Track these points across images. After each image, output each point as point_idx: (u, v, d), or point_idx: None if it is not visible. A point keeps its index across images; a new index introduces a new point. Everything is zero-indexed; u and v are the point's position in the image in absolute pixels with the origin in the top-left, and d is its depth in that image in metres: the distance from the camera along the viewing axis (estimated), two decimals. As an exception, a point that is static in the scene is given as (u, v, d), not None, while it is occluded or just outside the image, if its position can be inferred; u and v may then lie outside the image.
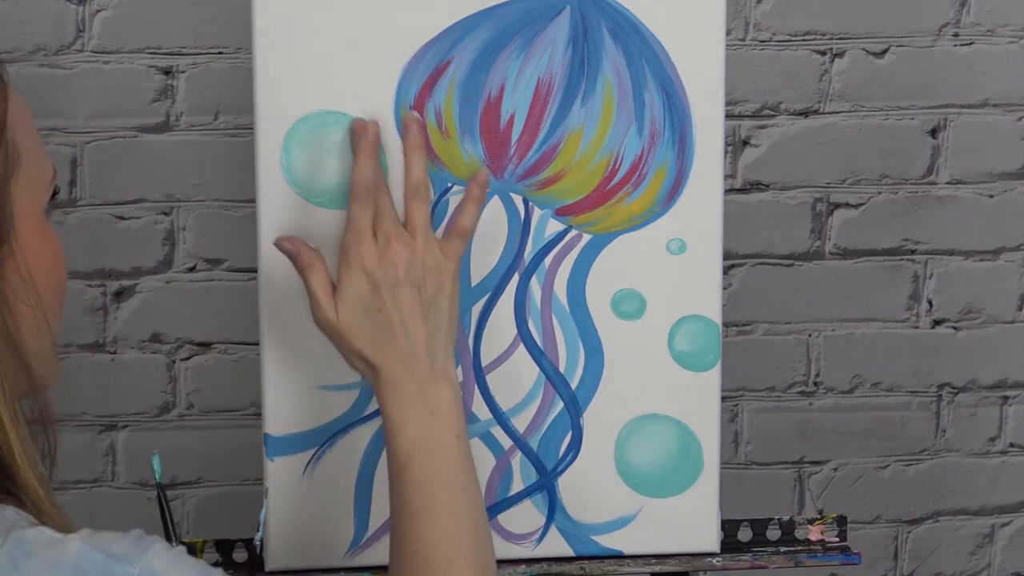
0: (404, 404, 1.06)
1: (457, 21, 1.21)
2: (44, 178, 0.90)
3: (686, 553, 1.30)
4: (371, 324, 1.07)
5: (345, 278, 1.09)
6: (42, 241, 0.89)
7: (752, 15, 1.84)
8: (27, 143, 0.88)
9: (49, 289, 0.89)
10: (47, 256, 0.89)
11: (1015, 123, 1.90)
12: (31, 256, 0.87)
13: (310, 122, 1.21)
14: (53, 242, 0.90)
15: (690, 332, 1.27)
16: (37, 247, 0.88)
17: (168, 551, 0.85)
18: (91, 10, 1.77)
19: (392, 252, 1.08)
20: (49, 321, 0.89)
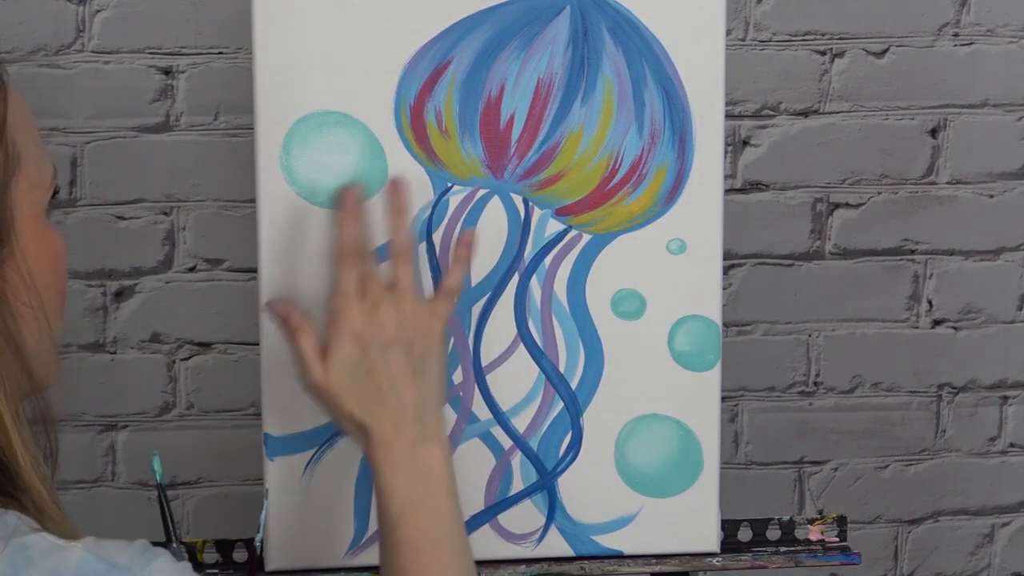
0: (395, 465, 1.06)
1: (457, 21, 1.21)
2: (44, 179, 0.90)
3: (686, 553, 1.30)
4: (361, 386, 1.08)
5: (334, 341, 1.09)
6: (43, 242, 0.88)
7: (752, 15, 1.84)
8: (27, 144, 0.88)
9: (50, 290, 0.89)
10: (48, 257, 0.89)
11: (1015, 123, 1.89)
12: (32, 257, 0.87)
13: (310, 122, 1.21)
14: (54, 243, 0.90)
15: (690, 332, 1.27)
16: (38, 248, 0.88)
17: (173, 564, 0.84)
18: (91, 10, 1.77)
19: (380, 314, 1.09)
20: (50, 322, 0.88)
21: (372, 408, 1.07)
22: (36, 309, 0.86)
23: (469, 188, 1.24)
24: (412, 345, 1.09)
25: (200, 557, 1.30)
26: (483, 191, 1.24)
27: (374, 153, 1.23)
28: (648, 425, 1.28)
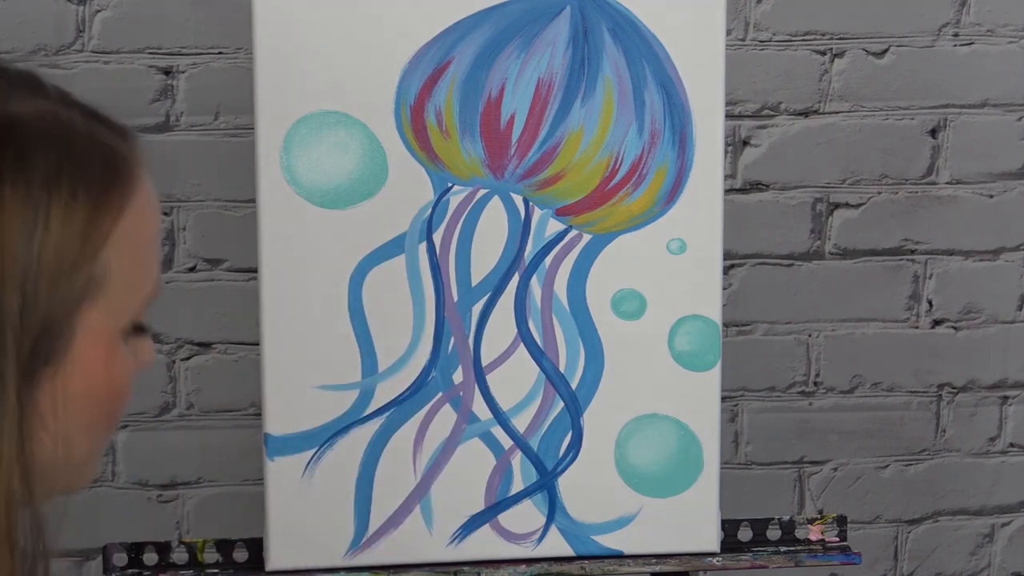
0: None
1: (457, 21, 1.21)
2: (134, 301, 0.79)
3: (686, 553, 1.30)
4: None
5: None
6: (101, 365, 0.77)
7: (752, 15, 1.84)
8: (126, 263, 0.77)
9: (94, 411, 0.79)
10: (101, 383, 0.78)
11: (1015, 123, 1.89)
12: (85, 376, 0.76)
13: (310, 122, 1.21)
14: (116, 369, 0.79)
15: (690, 332, 1.27)
16: (94, 371, 0.77)
17: None
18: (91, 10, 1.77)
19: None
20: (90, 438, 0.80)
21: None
22: (55, 436, 0.76)
23: (469, 188, 1.24)
24: None
25: (200, 557, 1.30)
26: (483, 191, 1.24)
27: (374, 153, 1.23)
28: (648, 425, 1.28)
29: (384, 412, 1.26)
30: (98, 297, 0.76)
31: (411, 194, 1.24)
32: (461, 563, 1.29)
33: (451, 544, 1.28)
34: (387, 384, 1.26)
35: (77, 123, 0.76)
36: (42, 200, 0.72)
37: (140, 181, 0.79)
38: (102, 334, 0.77)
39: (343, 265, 1.24)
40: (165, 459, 1.88)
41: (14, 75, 0.77)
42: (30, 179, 0.72)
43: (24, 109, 0.74)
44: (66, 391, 0.76)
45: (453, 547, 1.29)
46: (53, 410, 0.75)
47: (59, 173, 0.73)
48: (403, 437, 1.27)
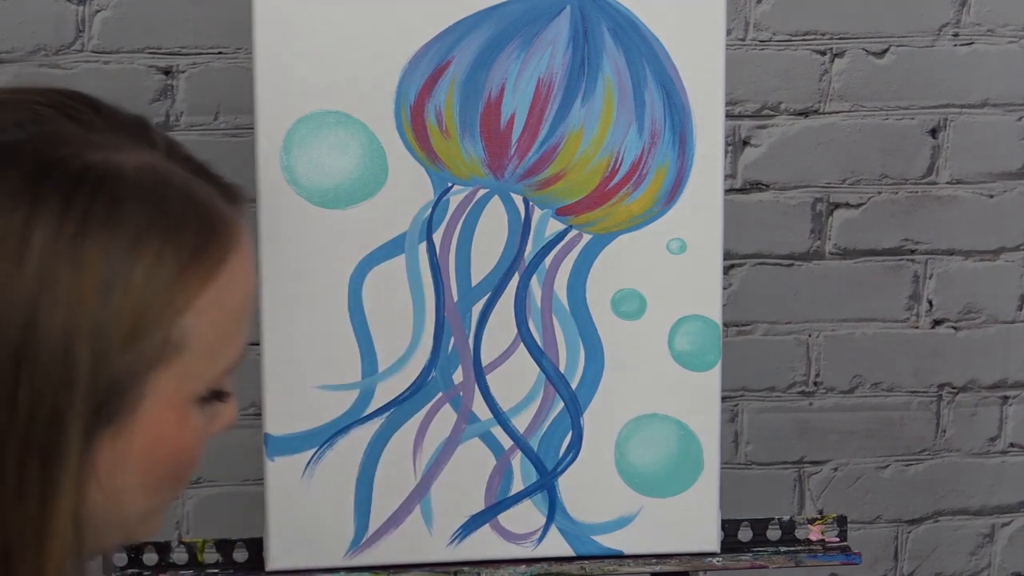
0: None
1: (457, 21, 1.21)
2: (213, 370, 0.75)
3: (686, 553, 1.30)
4: None
5: None
6: (167, 429, 0.74)
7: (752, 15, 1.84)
8: (207, 331, 0.73)
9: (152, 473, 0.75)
10: (166, 448, 0.74)
11: (1015, 123, 1.89)
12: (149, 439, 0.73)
13: (310, 122, 1.21)
14: (183, 436, 0.75)
15: (690, 332, 1.27)
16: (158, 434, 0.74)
17: None
18: (91, 10, 1.77)
19: None
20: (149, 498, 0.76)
21: None
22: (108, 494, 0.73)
23: (469, 188, 1.24)
24: None
25: (200, 557, 1.30)
26: (483, 191, 1.24)
27: (374, 153, 1.23)
28: (648, 425, 1.28)
29: (384, 412, 1.26)
30: (173, 362, 0.72)
31: (411, 194, 1.24)
32: (461, 563, 1.29)
33: (451, 544, 1.28)
34: (387, 384, 1.26)
35: (177, 179, 0.74)
36: (126, 258, 0.69)
37: (236, 247, 0.75)
38: (173, 399, 0.73)
39: (343, 265, 1.24)
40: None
41: (123, 122, 0.75)
42: (117, 234, 0.69)
43: (126, 160, 0.71)
44: (126, 452, 0.72)
45: (453, 547, 1.29)
46: (110, 469, 0.72)
47: (148, 231, 0.70)
48: (403, 437, 1.27)
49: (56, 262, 0.68)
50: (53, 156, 0.70)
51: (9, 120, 0.72)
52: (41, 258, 0.68)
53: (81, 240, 0.68)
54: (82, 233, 0.68)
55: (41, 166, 0.69)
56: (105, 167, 0.70)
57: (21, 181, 0.69)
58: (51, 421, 0.69)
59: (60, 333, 0.68)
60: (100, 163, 0.70)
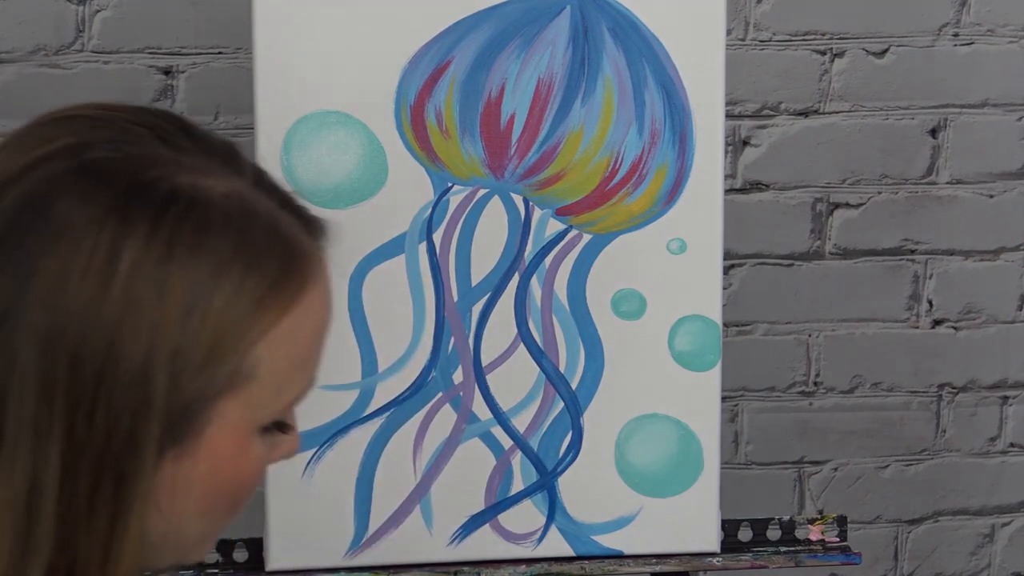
0: None
1: (457, 21, 1.21)
2: (280, 402, 0.75)
3: (686, 553, 1.30)
4: None
5: None
6: (230, 456, 0.74)
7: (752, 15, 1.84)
8: (278, 364, 0.73)
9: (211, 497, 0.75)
10: (227, 474, 0.74)
11: (1015, 123, 1.89)
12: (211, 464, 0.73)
13: (310, 122, 1.21)
14: (242, 464, 0.75)
15: (690, 332, 1.27)
16: (220, 460, 0.73)
17: None
18: (91, 10, 1.77)
19: None
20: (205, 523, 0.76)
21: None
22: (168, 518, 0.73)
23: (469, 188, 1.24)
24: None
25: (200, 557, 1.30)
26: (483, 191, 1.24)
27: (374, 153, 1.23)
28: (648, 425, 1.28)
29: (384, 412, 1.26)
30: (242, 391, 0.72)
31: (411, 194, 1.24)
32: (461, 563, 1.29)
33: (451, 544, 1.28)
34: (387, 384, 1.26)
35: (262, 209, 0.74)
36: (208, 284, 0.69)
37: (314, 282, 0.75)
38: (238, 426, 0.73)
39: (343, 265, 1.24)
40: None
41: (213, 147, 0.75)
42: (201, 260, 0.69)
43: (214, 185, 0.71)
44: (189, 476, 0.72)
45: (453, 547, 1.29)
46: (172, 493, 0.72)
47: (232, 260, 0.70)
48: (403, 437, 1.27)
49: (142, 284, 0.68)
50: (144, 177, 0.70)
51: (101, 137, 0.72)
52: (128, 280, 0.68)
53: (167, 264, 0.68)
54: (168, 257, 0.69)
55: (132, 186, 0.69)
56: (193, 192, 0.70)
57: (111, 200, 0.69)
58: (127, 442, 0.69)
59: (142, 355, 0.68)
60: (189, 187, 0.70)
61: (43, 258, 0.68)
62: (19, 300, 0.68)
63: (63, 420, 0.68)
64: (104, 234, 0.68)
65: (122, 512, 0.70)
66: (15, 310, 0.68)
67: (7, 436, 0.69)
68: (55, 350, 0.68)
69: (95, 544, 0.70)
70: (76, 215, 0.69)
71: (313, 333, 0.76)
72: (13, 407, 0.68)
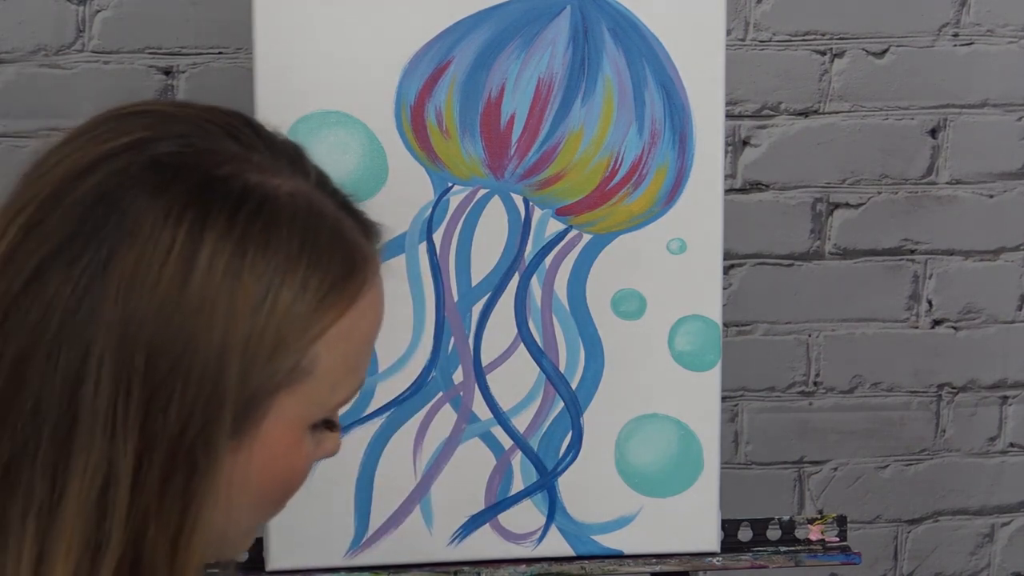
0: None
1: (457, 21, 1.21)
2: (332, 400, 0.77)
3: (686, 553, 1.30)
4: None
5: None
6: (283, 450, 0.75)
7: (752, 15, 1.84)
8: (334, 362, 0.75)
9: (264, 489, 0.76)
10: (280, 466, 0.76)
11: (1015, 123, 1.89)
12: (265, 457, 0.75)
13: (310, 122, 1.21)
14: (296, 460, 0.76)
15: (690, 332, 1.27)
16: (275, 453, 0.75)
17: None
18: (91, 10, 1.77)
19: None
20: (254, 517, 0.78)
21: None
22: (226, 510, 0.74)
23: (469, 188, 1.24)
24: None
25: (200, 557, 1.30)
26: (483, 191, 1.24)
27: (374, 153, 1.23)
28: (648, 425, 1.28)
29: (384, 412, 1.26)
30: (300, 387, 0.74)
31: (411, 194, 1.24)
32: (461, 563, 1.29)
33: (451, 544, 1.28)
34: (387, 384, 1.26)
35: (328, 211, 0.75)
36: (276, 281, 0.71)
37: (371, 284, 0.77)
38: (293, 421, 0.75)
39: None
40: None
41: (281, 147, 0.77)
42: (271, 257, 0.71)
43: (282, 184, 0.73)
44: (245, 469, 0.74)
45: (453, 547, 1.29)
46: (228, 485, 0.73)
47: (299, 257, 0.72)
48: (403, 437, 1.27)
49: (218, 279, 0.70)
50: (216, 173, 0.71)
51: (172, 132, 0.73)
52: (205, 274, 0.70)
53: (240, 260, 0.70)
54: (242, 252, 0.70)
55: (205, 182, 0.71)
56: (264, 190, 0.72)
57: (186, 196, 0.70)
58: (200, 434, 0.70)
59: (217, 348, 0.70)
60: (259, 185, 0.72)
61: (118, 251, 0.70)
62: (92, 293, 0.69)
63: (139, 412, 0.69)
64: (181, 228, 0.70)
65: (192, 505, 0.71)
66: (88, 302, 0.69)
67: (81, 427, 0.69)
68: (132, 343, 0.69)
69: (164, 537, 0.71)
70: (149, 209, 0.70)
71: (368, 334, 0.78)
72: (86, 398, 0.69)
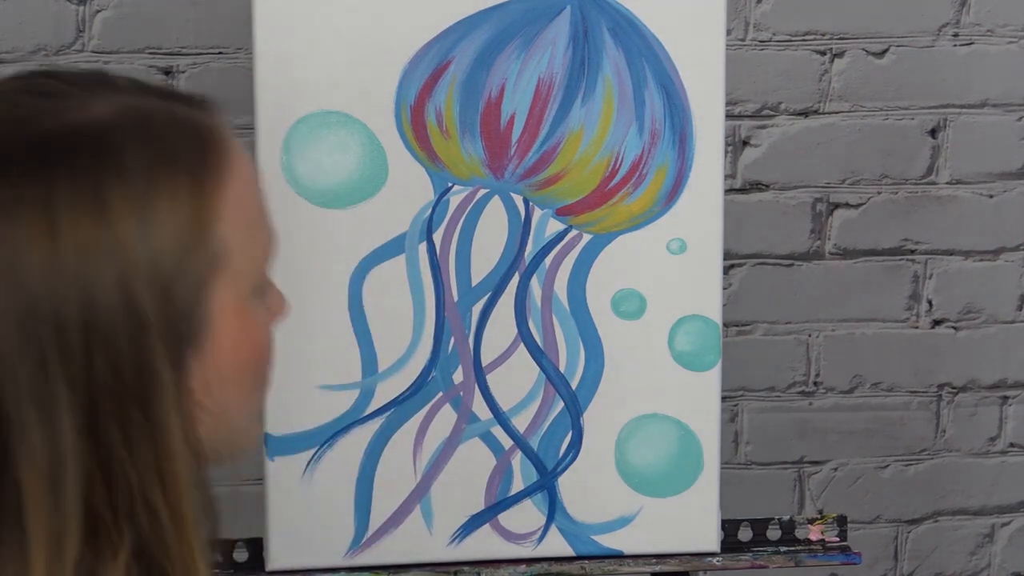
0: None
1: (457, 21, 1.21)
2: (256, 264, 0.80)
3: (686, 553, 1.30)
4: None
5: None
6: (241, 332, 0.78)
7: (752, 15, 1.84)
8: (239, 232, 0.77)
9: (244, 376, 0.79)
10: (246, 349, 0.79)
11: (1015, 123, 1.89)
12: (229, 348, 0.77)
13: (310, 122, 1.21)
14: (254, 333, 0.79)
15: (690, 332, 1.27)
16: (235, 340, 0.77)
17: None
18: (91, 10, 1.77)
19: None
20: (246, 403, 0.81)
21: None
22: (213, 412, 0.77)
23: (469, 188, 1.24)
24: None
25: (200, 557, 1.30)
26: (483, 191, 1.24)
27: (374, 153, 1.23)
28: (648, 425, 1.28)
29: (384, 412, 1.26)
30: (223, 271, 0.76)
31: (411, 194, 1.24)
32: (461, 563, 1.29)
33: (451, 544, 1.28)
34: (387, 384, 1.26)
35: (156, 108, 0.76)
36: (146, 197, 0.72)
37: (229, 147, 0.78)
38: (235, 304, 0.77)
39: (343, 265, 1.24)
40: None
41: (84, 78, 0.77)
42: (128, 180, 0.71)
43: (103, 110, 0.73)
44: (216, 367, 0.76)
45: (453, 547, 1.29)
46: (207, 388, 0.76)
47: (155, 166, 0.73)
48: (403, 437, 1.27)
49: (86, 227, 0.70)
50: (39, 131, 0.72)
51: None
52: (70, 229, 0.70)
53: (100, 197, 0.70)
54: (98, 191, 0.70)
55: (33, 147, 0.71)
56: (90, 123, 0.72)
57: (22, 168, 0.70)
58: (138, 370, 0.71)
59: (116, 288, 0.70)
60: (85, 122, 0.72)
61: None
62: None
63: (65, 385, 0.70)
64: (32, 200, 0.70)
65: (160, 436, 0.72)
66: None
67: (13, 421, 0.70)
68: (34, 324, 0.70)
69: (146, 475, 0.72)
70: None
71: (253, 190, 0.80)
72: (9, 391, 0.70)
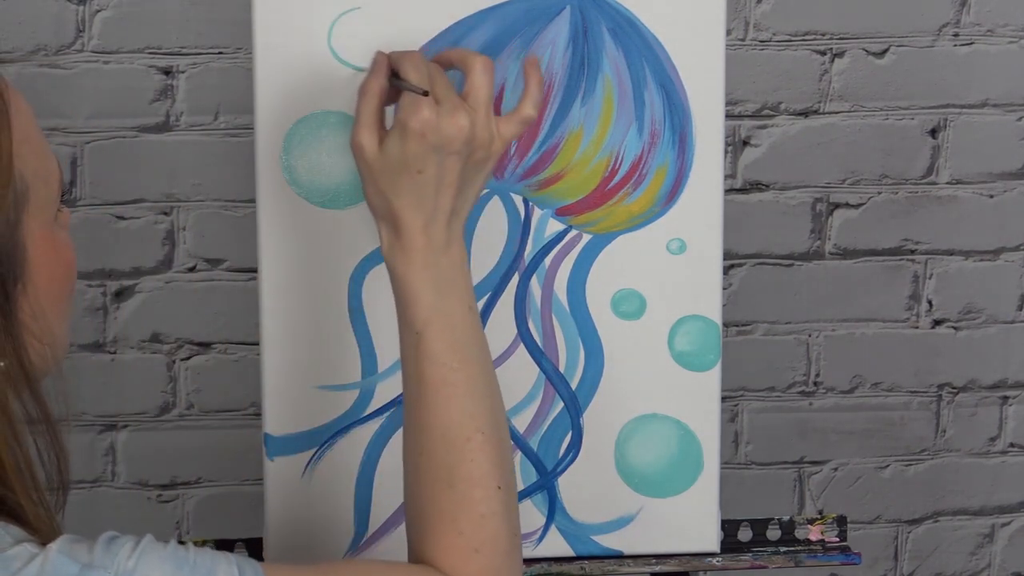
0: (422, 271, 1.03)
1: (457, 21, 1.21)
2: (52, 191, 0.87)
3: (686, 553, 1.30)
4: (406, 178, 1.03)
5: (401, 130, 1.03)
6: (54, 257, 0.87)
7: (752, 15, 1.84)
8: (33, 163, 0.85)
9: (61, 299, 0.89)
10: (60, 272, 0.88)
11: (1015, 123, 1.90)
12: (47, 275, 0.86)
13: (310, 122, 1.21)
14: (64, 253, 0.89)
15: (690, 332, 1.27)
16: (50, 268, 0.87)
17: (135, 546, 0.85)
18: (91, 10, 1.77)
19: (455, 121, 1.02)
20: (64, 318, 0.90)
21: (409, 201, 1.03)
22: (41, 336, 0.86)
23: (469, 188, 1.24)
24: (470, 157, 1.05)
25: (200, 557, 1.30)
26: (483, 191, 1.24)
27: (374, 153, 1.22)
28: (648, 425, 1.28)
29: (384, 412, 1.26)
30: (28, 205, 0.84)
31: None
32: (461, 563, 1.29)
33: (451, 544, 1.28)
34: (387, 384, 1.26)
35: None
36: None
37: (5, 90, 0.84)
38: (44, 232, 0.85)
39: (343, 265, 1.24)
40: (165, 459, 1.88)
41: None
42: None
43: None
44: (38, 296, 0.85)
45: (453, 547, 1.28)
46: (34, 317, 0.84)
47: None
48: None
49: None
50: None
51: None
52: None
53: None
54: None
55: None
56: None
57: None
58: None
59: None
60: None
61: None
62: None
63: None
64: None
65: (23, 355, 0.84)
66: None
67: None
68: None
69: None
70: None
71: (32, 120, 0.86)
72: None
